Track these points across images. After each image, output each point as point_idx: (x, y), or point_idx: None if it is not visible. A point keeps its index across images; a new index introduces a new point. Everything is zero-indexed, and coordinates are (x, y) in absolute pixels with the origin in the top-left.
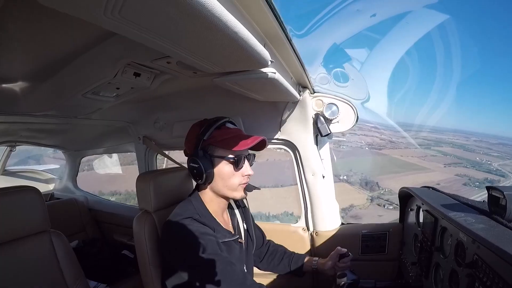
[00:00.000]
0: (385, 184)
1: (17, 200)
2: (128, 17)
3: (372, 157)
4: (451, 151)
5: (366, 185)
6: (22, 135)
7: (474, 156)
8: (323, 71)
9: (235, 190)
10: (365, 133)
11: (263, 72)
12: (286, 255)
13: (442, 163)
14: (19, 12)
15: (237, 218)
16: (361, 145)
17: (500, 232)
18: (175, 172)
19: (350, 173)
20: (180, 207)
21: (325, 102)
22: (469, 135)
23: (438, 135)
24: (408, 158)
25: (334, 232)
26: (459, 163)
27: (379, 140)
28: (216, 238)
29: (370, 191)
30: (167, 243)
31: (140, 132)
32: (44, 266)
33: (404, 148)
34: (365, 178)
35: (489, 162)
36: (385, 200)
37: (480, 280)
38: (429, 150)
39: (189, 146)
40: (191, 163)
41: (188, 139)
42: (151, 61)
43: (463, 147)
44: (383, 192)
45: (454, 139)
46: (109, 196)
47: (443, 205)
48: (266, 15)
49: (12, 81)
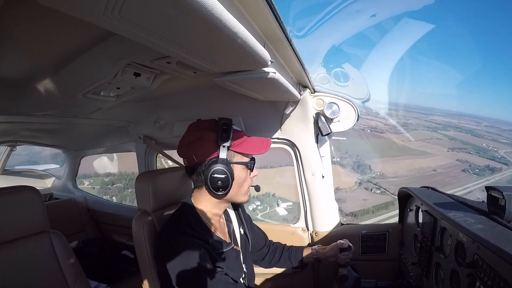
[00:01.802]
0: (378, 168)
1: (16, 200)
2: (128, 17)
3: (372, 140)
4: (458, 136)
5: (358, 168)
6: (22, 134)
7: (481, 142)
8: (323, 71)
9: (245, 194)
10: (372, 118)
11: (263, 72)
12: (286, 249)
13: (446, 148)
14: (19, 12)
15: (233, 223)
16: (363, 128)
17: (499, 232)
18: (174, 172)
19: (345, 156)
20: (171, 221)
21: (326, 101)
22: (481, 120)
23: (448, 119)
24: (410, 142)
25: (333, 232)
26: (463, 148)
27: (383, 125)
28: (210, 251)
29: (360, 174)
30: (159, 259)
31: (140, 132)
32: (44, 266)
33: (411, 130)
34: (358, 161)
35: (496, 149)
36: (374, 184)
37: (481, 279)
38: (435, 133)
39: (204, 155)
40: (215, 174)
41: (198, 147)
42: (151, 61)
43: (472, 132)
44: (374, 175)
45: (464, 123)
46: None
47: (442, 205)
48: (266, 15)
49: (12, 81)
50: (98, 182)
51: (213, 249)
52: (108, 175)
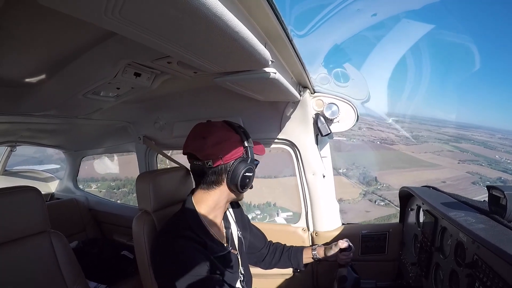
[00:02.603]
0: (384, 180)
1: (17, 200)
2: (128, 17)
3: (381, 151)
4: (470, 148)
5: (364, 179)
6: (22, 135)
7: (494, 153)
8: (324, 71)
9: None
10: (382, 129)
11: (263, 72)
12: (285, 250)
13: (456, 160)
14: (19, 13)
15: (231, 226)
16: (373, 139)
17: (500, 232)
18: (175, 172)
19: (352, 167)
20: (172, 221)
21: (325, 102)
22: (495, 132)
23: (461, 131)
24: (421, 154)
25: (334, 232)
26: (475, 160)
27: (394, 136)
28: (208, 255)
29: (366, 186)
30: (156, 259)
31: (140, 132)
32: (43, 266)
33: (421, 143)
34: (364, 173)
35: (509, 161)
36: (378, 196)
37: (480, 280)
38: (446, 146)
39: (232, 154)
40: (247, 172)
41: (227, 146)
42: (151, 61)
43: (485, 144)
44: (379, 187)
45: (477, 135)
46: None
47: (443, 205)
48: (267, 15)
49: (12, 81)
50: (105, 186)
51: (211, 252)
52: (115, 180)
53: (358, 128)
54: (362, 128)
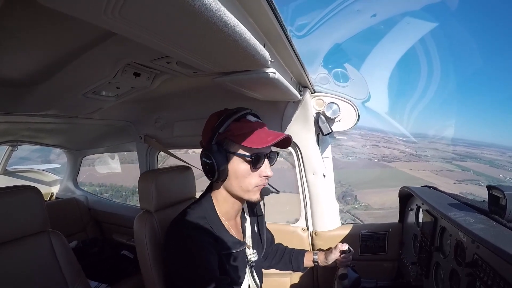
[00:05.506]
0: (365, 199)
1: (17, 200)
2: (128, 17)
3: (374, 169)
4: (474, 167)
5: (343, 198)
6: (23, 134)
7: (499, 172)
8: (323, 71)
9: (249, 191)
10: (388, 145)
11: (263, 72)
12: (287, 252)
13: (453, 180)
14: (19, 12)
15: (246, 225)
16: (372, 157)
17: (499, 232)
18: (178, 170)
19: (336, 185)
20: (188, 210)
21: (326, 101)
22: (506, 150)
23: (471, 149)
24: (418, 172)
25: (333, 232)
26: (474, 180)
27: (398, 152)
28: (219, 251)
29: (343, 205)
30: (168, 252)
31: (140, 132)
32: (44, 266)
33: (422, 161)
34: (346, 191)
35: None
36: (351, 215)
37: (481, 279)
38: (448, 165)
39: (205, 139)
40: (204, 158)
41: (204, 131)
42: (151, 61)
43: (491, 162)
44: (357, 206)
45: (486, 153)
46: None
47: (443, 205)
48: (267, 15)
49: (13, 81)
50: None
51: (223, 248)
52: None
53: (361, 146)
54: (366, 145)
